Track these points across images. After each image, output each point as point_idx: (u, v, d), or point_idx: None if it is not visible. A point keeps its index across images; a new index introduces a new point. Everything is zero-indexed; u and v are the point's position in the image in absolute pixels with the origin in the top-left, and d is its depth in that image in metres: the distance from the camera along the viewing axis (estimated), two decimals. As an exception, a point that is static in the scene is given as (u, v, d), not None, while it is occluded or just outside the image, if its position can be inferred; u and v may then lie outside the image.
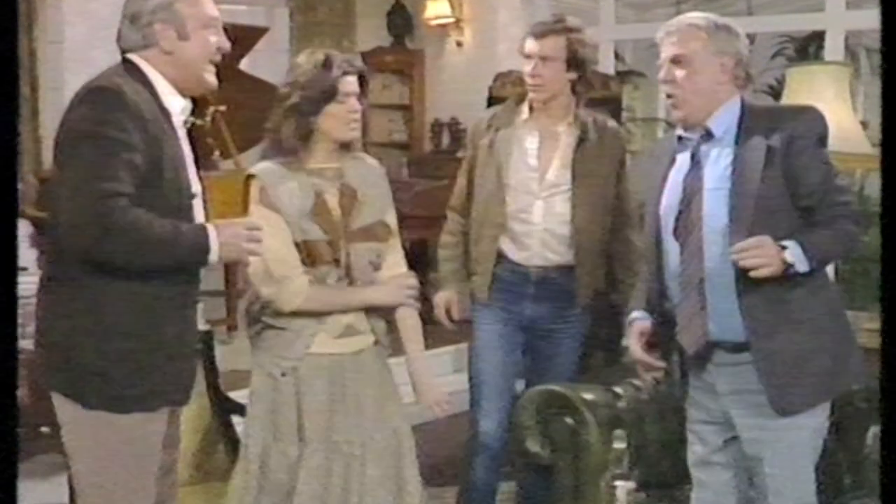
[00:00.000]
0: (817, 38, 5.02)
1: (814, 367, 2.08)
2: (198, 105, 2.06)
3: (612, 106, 4.79)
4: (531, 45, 2.77)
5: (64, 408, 1.94)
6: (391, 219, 2.45)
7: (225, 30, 2.08)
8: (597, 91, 4.83)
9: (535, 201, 2.78)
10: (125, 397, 1.92)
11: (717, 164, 2.11)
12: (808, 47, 5.82)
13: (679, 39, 2.14)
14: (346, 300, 2.35)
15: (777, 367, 2.06)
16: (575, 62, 2.76)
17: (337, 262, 2.30)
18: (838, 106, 3.37)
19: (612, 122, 2.93)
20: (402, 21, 6.57)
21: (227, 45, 2.06)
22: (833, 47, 4.42)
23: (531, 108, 2.82)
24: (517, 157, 2.79)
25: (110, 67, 2.02)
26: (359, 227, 2.34)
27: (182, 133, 2.06)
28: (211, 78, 2.05)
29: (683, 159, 2.18)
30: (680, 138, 2.20)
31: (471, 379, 2.90)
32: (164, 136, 1.95)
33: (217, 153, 4.93)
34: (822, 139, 2.11)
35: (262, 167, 2.32)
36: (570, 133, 2.80)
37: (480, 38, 6.08)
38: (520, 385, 2.92)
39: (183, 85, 2.03)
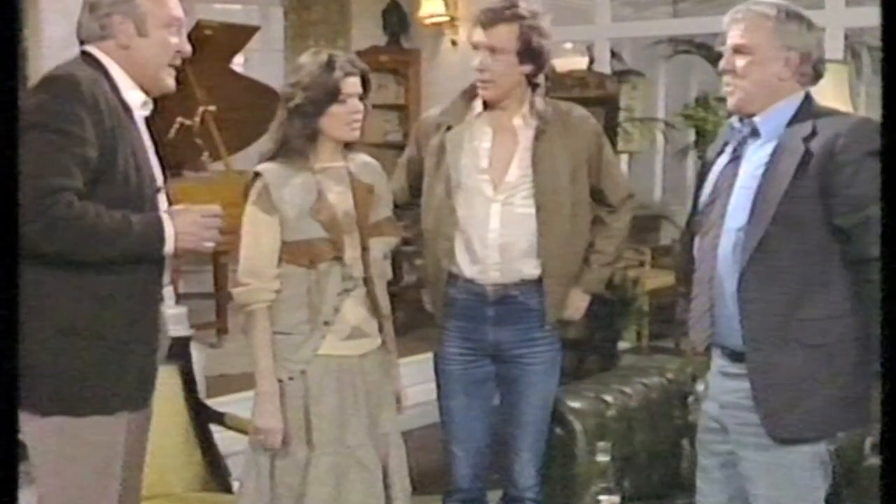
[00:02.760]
0: (818, 36, 4.96)
1: (819, 397, 1.94)
2: (187, 105, 2.05)
3: (609, 106, 4.72)
4: (478, 35, 2.44)
5: (21, 418, 1.87)
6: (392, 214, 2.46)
7: (216, 29, 2.03)
8: (592, 90, 4.79)
9: (491, 205, 2.44)
10: (81, 399, 1.87)
11: (754, 162, 2.00)
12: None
13: (745, 28, 1.99)
14: (261, 354, 2.27)
15: (774, 385, 1.95)
16: (529, 54, 2.44)
17: (339, 259, 2.27)
18: (838, 105, 3.30)
19: (579, 109, 2.57)
20: (397, 20, 6.51)
21: (187, 48, 2.02)
22: (832, 45, 4.35)
23: (485, 103, 2.50)
24: (468, 159, 2.47)
25: (70, 59, 1.97)
26: (373, 222, 2.34)
27: (143, 127, 2.02)
28: (170, 81, 2.01)
29: (727, 151, 2.08)
30: (732, 127, 2.09)
31: (441, 417, 2.63)
32: (121, 127, 1.90)
33: (206, 154, 4.86)
34: (873, 154, 1.87)
35: (268, 167, 2.30)
36: (527, 126, 2.48)
37: (476, 37, 6.00)
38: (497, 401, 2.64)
39: (139, 81, 1.98)
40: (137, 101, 1.98)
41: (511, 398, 2.57)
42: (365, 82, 2.32)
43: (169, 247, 1.90)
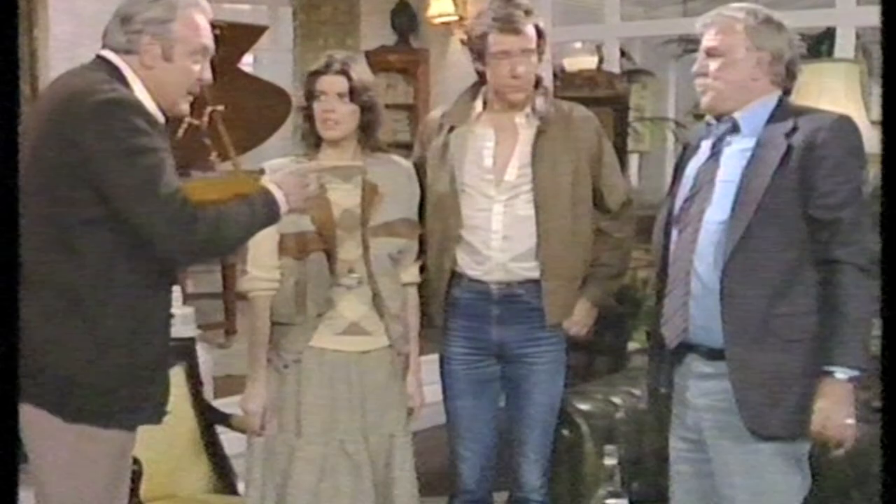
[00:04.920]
0: (830, 36, 4.93)
1: (798, 394, 1.94)
2: (194, 105, 2.04)
3: (619, 105, 4.71)
4: (510, 41, 2.40)
5: (36, 419, 1.84)
6: (416, 216, 2.49)
7: (225, 28, 2.03)
8: (602, 90, 4.78)
9: (493, 205, 2.45)
10: (109, 412, 1.86)
11: (735, 156, 2.03)
12: (820, 45, 5.73)
13: (716, 31, 2.05)
14: (254, 340, 2.43)
15: (754, 381, 1.95)
16: (543, 51, 2.48)
17: (327, 252, 2.33)
18: (849, 104, 3.28)
19: (580, 109, 2.57)
20: (406, 20, 6.50)
21: (208, 76, 2.00)
22: (844, 44, 4.32)
23: (485, 101, 2.52)
24: (471, 158, 2.47)
25: (90, 69, 1.92)
26: (380, 222, 2.38)
27: None
28: (184, 107, 2.00)
29: (706, 147, 2.10)
30: (708, 125, 2.13)
31: (447, 417, 2.61)
32: None
33: (214, 154, 4.85)
34: (854, 152, 1.95)
35: (272, 163, 2.42)
36: (529, 125, 2.49)
37: (485, 37, 5.97)
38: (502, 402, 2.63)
39: (155, 100, 1.95)
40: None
41: (516, 398, 2.56)
42: (352, 82, 2.35)
43: (284, 208, 1.99)
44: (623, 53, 5.98)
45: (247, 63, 6.06)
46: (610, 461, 1.92)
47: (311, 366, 2.35)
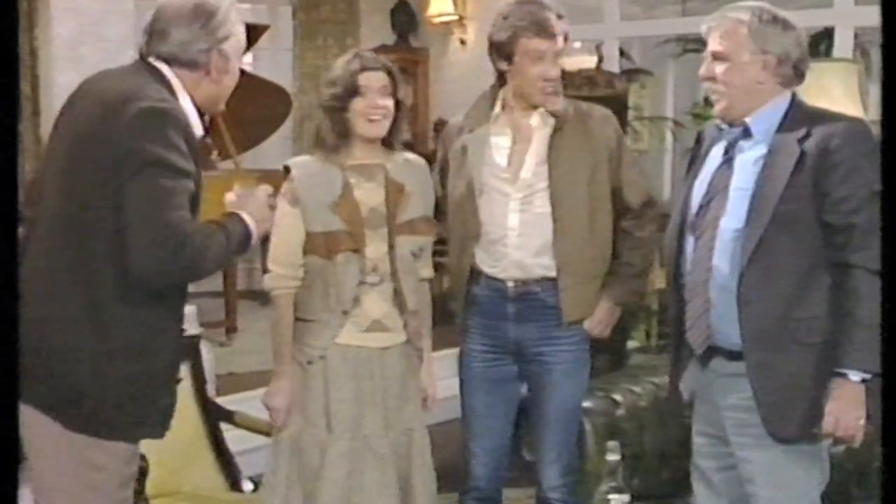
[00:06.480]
0: (827, 35, 4.95)
1: (815, 395, 1.94)
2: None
3: (618, 105, 4.72)
4: (550, 43, 2.42)
5: (36, 422, 1.84)
6: (432, 214, 2.51)
7: None
8: (601, 89, 4.79)
9: (510, 203, 2.46)
10: (112, 424, 1.85)
11: (748, 162, 2.02)
12: (818, 45, 5.75)
13: (721, 35, 2.03)
14: (279, 337, 2.40)
15: (773, 384, 1.96)
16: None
17: (356, 251, 2.34)
18: (847, 103, 3.30)
19: (600, 109, 2.57)
20: (406, 19, 6.52)
21: (244, 65, 2.04)
22: (842, 44, 4.35)
23: (503, 103, 2.52)
24: (488, 158, 2.49)
25: (135, 73, 1.92)
26: (404, 220, 2.40)
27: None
28: (223, 103, 2.04)
29: (718, 152, 2.10)
30: (720, 129, 2.12)
31: (462, 414, 2.62)
32: (199, 165, 1.90)
33: (215, 153, 4.87)
34: (868, 157, 1.90)
35: (297, 160, 2.45)
36: (545, 124, 2.49)
37: (484, 36, 5.97)
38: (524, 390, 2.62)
39: (204, 104, 1.97)
40: (199, 135, 1.94)
41: (535, 398, 2.56)
42: (392, 79, 2.37)
43: (255, 240, 1.96)
44: (622, 53, 6.00)
45: (246, 62, 6.08)
46: (613, 457, 1.93)
47: (337, 362, 2.36)
